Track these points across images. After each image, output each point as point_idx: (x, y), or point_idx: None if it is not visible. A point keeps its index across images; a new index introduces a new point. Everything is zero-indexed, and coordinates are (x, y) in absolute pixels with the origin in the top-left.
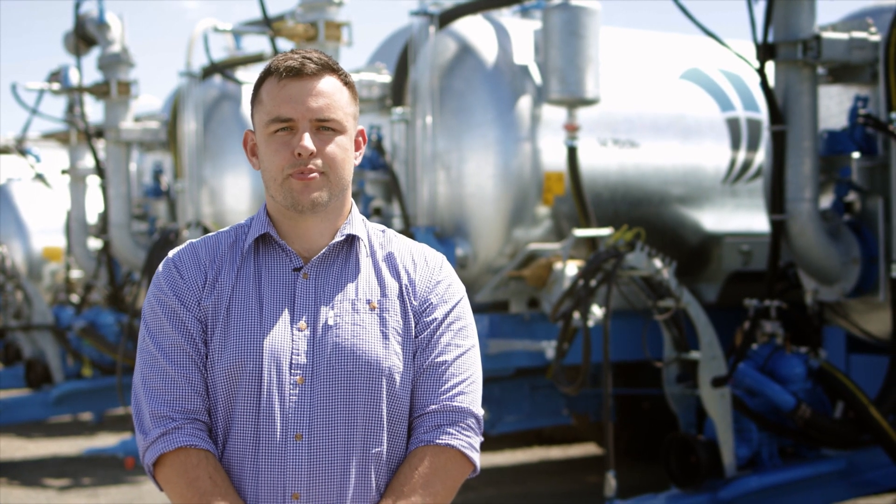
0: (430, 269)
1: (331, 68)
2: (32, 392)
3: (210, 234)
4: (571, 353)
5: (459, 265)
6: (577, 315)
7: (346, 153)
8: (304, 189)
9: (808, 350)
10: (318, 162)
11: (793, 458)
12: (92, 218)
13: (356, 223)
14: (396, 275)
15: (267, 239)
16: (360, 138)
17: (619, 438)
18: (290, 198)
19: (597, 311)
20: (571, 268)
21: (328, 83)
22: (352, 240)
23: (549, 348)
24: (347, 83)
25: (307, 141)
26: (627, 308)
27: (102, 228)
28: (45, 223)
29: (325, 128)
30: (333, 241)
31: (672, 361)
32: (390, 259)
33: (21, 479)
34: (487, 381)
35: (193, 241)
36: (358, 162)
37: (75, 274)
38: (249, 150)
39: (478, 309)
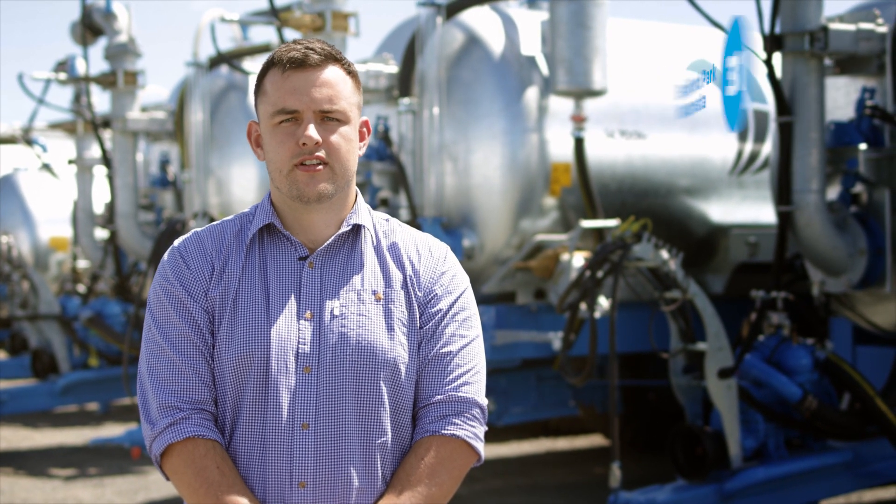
0: (435, 259)
1: (334, 58)
2: (39, 382)
3: (214, 223)
4: (578, 344)
5: (466, 256)
6: (583, 306)
7: (351, 143)
8: (310, 181)
9: (815, 341)
10: (323, 152)
11: (799, 449)
12: (99, 208)
13: (362, 213)
14: (401, 265)
15: (272, 229)
16: (364, 129)
17: (625, 430)
18: (295, 189)
19: (603, 302)
20: (578, 259)
21: (332, 73)
22: (357, 229)
23: (556, 339)
24: (351, 73)
25: (312, 131)
26: (634, 299)
27: (109, 218)
28: (51, 213)
29: (330, 118)
30: (340, 231)
31: (678, 352)
32: (394, 249)
33: (27, 468)
34: (494, 373)
35: (198, 230)
36: (362, 152)
37: (82, 264)
38: (254, 140)
39: (484, 300)
